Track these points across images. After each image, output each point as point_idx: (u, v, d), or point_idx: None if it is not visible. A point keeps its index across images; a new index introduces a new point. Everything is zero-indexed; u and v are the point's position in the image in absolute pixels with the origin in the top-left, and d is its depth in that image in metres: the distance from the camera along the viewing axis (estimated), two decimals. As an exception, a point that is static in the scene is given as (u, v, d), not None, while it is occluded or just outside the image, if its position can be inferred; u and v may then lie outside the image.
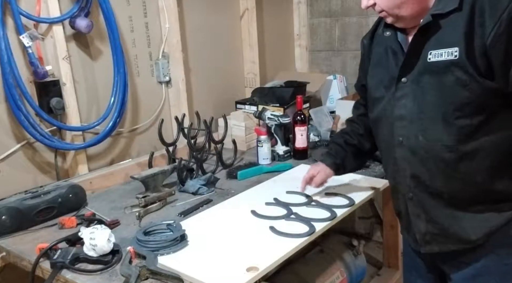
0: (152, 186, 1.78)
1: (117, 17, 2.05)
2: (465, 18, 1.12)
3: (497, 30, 1.07)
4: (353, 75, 3.22)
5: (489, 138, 1.17)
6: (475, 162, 1.19)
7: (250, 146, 2.48)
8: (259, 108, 2.49)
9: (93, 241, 1.32)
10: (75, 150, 1.96)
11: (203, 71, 2.63)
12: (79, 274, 1.30)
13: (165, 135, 2.13)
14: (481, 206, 1.23)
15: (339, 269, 2.32)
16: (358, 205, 1.68)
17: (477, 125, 1.16)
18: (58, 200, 1.66)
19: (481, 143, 1.17)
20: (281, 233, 1.45)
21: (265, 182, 1.95)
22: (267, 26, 3.08)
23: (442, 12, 1.16)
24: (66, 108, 1.91)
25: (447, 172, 1.22)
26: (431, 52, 1.18)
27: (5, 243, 1.51)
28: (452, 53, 1.14)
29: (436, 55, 1.17)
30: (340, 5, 3.18)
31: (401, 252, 2.64)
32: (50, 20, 1.82)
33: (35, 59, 1.79)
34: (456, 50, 1.13)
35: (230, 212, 1.66)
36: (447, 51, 1.15)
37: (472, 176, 1.21)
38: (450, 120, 1.18)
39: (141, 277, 1.22)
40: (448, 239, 1.30)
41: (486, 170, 1.19)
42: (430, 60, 1.18)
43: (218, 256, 1.33)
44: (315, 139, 2.51)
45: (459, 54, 1.13)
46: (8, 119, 1.80)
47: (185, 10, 2.45)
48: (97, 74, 2.09)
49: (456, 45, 1.13)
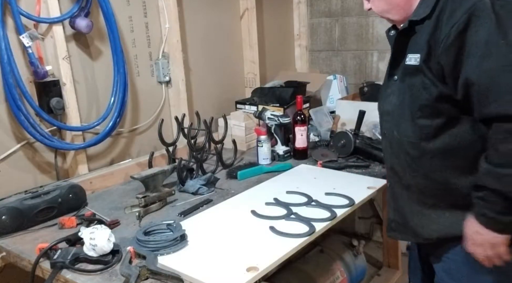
0: (152, 186, 1.78)
1: (117, 17, 2.05)
2: (431, 26, 1.22)
3: (446, 42, 1.17)
4: (353, 75, 3.23)
5: (448, 141, 1.26)
6: (434, 161, 1.29)
7: (250, 146, 2.48)
8: (259, 108, 2.49)
9: (93, 241, 1.32)
10: (75, 150, 1.96)
11: (203, 71, 2.63)
12: (79, 274, 1.30)
13: (165, 135, 2.13)
14: (440, 206, 1.30)
15: (339, 269, 2.32)
16: (358, 205, 1.68)
17: (436, 127, 1.26)
18: (58, 200, 1.66)
19: (440, 144, 1.27)
20: (281, 233, 1.45)
21: (265, 182, 1.95)
22: (267, 26, 3.08)
23: (417, 19, 1.26)
24: (66, 108, 1.91)
25: (412, 166, 1.34)
26: (408, 55, 1.29)
27: (5, 243, 1.51)
28: (416, 59, 1.26)
29: (410, 59, 1.28)
30: (340, 5, 3.18)
31: (401, 252, 2.65)
32: (50, 20, 1.82)
33: (35, 59, 1.79)
34: (419, 56, 1.25)
35: (230, 212, 1.66)
36: (414, 56, 1.27)
37: (432, 174, 1.30)
38: (414, 120, 1.29)
39: (141, 277, 1.22)
40: (407, 231, 1.42)
41: (445, 170, 1.28)
42: (407, 62, 1.29)
43: (218, 256, 1.33)
44: (315, 139, 2.51)
45: (420, 61, 1.25)
46: (8, 119, 1.80)
47: (185, 10, 2.45)
48: (97, 74, 2.09)
49: (419, 52, 1.25)
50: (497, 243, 1.19)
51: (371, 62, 3.14)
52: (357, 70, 3.21)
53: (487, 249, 1.21)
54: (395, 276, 2.58)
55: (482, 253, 1.23)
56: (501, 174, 1.13)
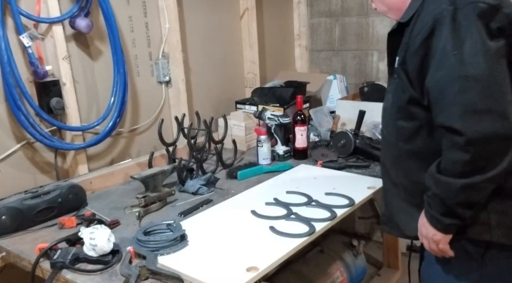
0: (152, 186, 1.78)
1: (117, 17, 2.05)
2: (409, 30, 1.24)
3: (412, 48, 1.20)
4: (353, 75, 3.23)
5: (421, 145, 1.28)
6: (412, 161, 1.31)
7: (250, 146, 2.48)
8: (259, 108, 2.49)
9: (93, 241, 1.31)
10: (75, 150, 1.96)
11: (203, 71, 2.63)
12: (79, 274, 1.29)
13: (165, 135, 2.13)
14: (422, 206, 1.29)
15: (339, 269, 2.32)
16: (358, 205, 1.68)
17: (411, 129, 1.28)
18: (58, 200, 1.66)
19: (414, 147, 1.29)
20: (281, 233, 1.45)
21: (265, 182, 1.95)
22: (267, 26, 3.08)
23: (404, 21, 1.28)
24: (66, 108, 1.91)
25: (395, 164, 1.38)
26: (396, 57, 1.31)
27: (5, 243, 1.51)
28: (397, 62, 1.29)
29: (396, 60, 1.30)
30: (340, 5, 3.18)
31: (401, 252, 2.65)
32: (50, 20, 1.82)
33: (35, 59, 1.79)
34: (397, 59, 1.28)
35: (230, 212, 1.66)
36: (397, 58, 1.29)
37: (411, 173, 1.33)
38: (394, 120, 1.34)
39: (141, 277, 1.22)
40: (393, 226, 1.44)
41: (420, 172, 1.26)
42: (395, 64, 1.32)
43: (218, 256, 1.33)
44: (315, 139, 2.51)
45: (398, 63, 1.27)
46: (8, 119, 1.80)
47: (185, 10, 2.45)
48: (97, 74, 2.09)
49: (399, 55, 1.27)
50: (437, 240, 1.24)
51: (371, 62, 3.14)
52: (357, 70, 3.21)
53: (430, 242, 1.27)
54: (395, 276, 2.59)
55: (426, 245, 1.29)
56: (438, 180, 1.16)
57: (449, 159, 1.13)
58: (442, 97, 1.12)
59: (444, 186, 1.15)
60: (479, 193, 1.14)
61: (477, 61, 1.07)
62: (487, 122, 1.05)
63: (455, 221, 1.19)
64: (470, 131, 1.06)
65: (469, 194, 1.13)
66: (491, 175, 1.08)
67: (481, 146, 1.06)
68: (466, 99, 1.07)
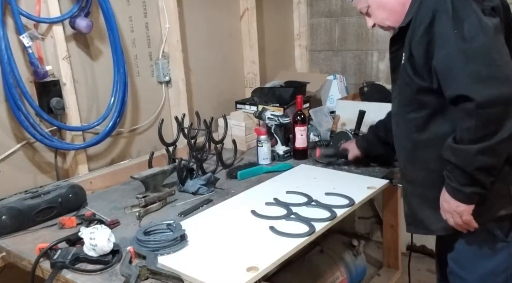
0: (152, 186, 1.78)
1: (117, 17, 2.05)
2: (411, 27, 1.34)
3: (416, 37, 1.30)
4: (353, 75, 3.23)
5: (439, 129, 1.35)
6: (428, 151, 1.39)
7: (250, 146, 2.48)
8: (259, 108, 2.48)
9: (93, 241, 1.31)
10: (75, 150, 1.96)
11: (203, 71, 2.63)
12: (79, 274, 1.30)
13: (165, 135, 2.13)
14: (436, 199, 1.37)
15: (339, 269, 2.33)
16: (358, 205, 1.68)
17: (424, 118, 1.37)
18: (58, 200, 1.66)
19: (430, 134, 1.38)
20: (281, 233, 1.45)
21: (265, 182, 1.95)
22: (267, 26, 3.08)
23: (403, 25, 1.37)
24: (66, 108, 1.91)
25: (410, 159, 1.46)
26: (403, 55, 1.39)
27: (5, 243, 1.51)
28: (403, 59, 1.38)
29: (402, 57, 1.39)
30: (340, 5, 3.18)
31: (401, 252, 2.65)
32: (50, 20, 1.82)
33: (35, 59, 1.79)
34: (404, 54, 1.37)
35: (230, 212, 1.66)
36: (403, 56, 1.38)
37: (428, 164, 1.40)
38: (405, 114, 1.43)
39: (141, 277, 1.22)
40: (418, 224, 1.49)
41: (439, 158, 1.32)
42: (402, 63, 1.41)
43: (218, 256, 1.33)
44: (315, 139, 2.50)
45: (404, 59, 1.37)
46: (8, 119, 1.80)
47: (185, 10, 2.45)
48: (97, 74, 2.09)
49: (405, 52, 1.37)
50: (460, 212, 1.30)
51: (371, 62, 3.14)
52: (357, 70, 3.21)
53: (454, 216, 1.33)
54: (395, 276, 2.58)
55: (451, 220, 1.35)
56: (454, 148, 1.24)
57: (463, 128, 1.21)
58: (450, 73, 1.22)
59: (461, 153, 1.23)
60: (495, 156, 1.22)
61: (477, 35, 1.18)
62: (493, 87, 1.15)
63: (476, 189, 1.25)
64: (478, 96, 1.15)
65: (485, 157, 1.20)
66: (504, 136, 1.17)
67: (490, 109, 1.15)
68: (471, 69, 1.17)
